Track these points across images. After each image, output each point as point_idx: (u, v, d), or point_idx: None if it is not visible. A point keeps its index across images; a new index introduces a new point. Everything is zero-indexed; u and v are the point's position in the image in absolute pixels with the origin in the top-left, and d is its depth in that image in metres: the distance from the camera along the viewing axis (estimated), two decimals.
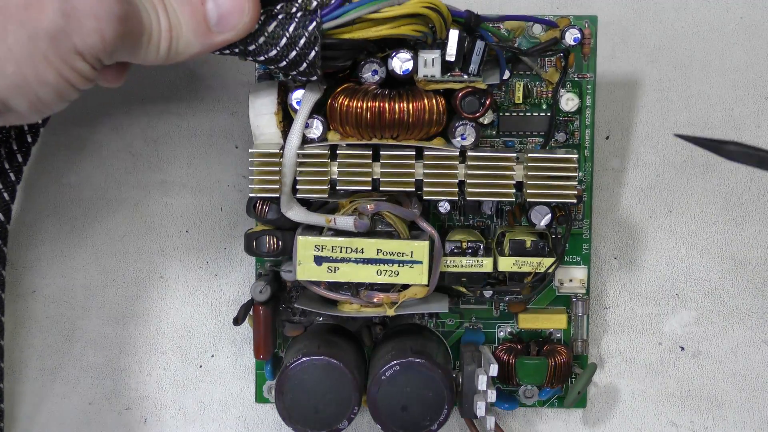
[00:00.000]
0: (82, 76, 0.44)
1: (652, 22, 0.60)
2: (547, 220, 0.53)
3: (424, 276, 0.52)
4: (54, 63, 0.43)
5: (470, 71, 0.51)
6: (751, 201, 0.60)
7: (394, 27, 0.48)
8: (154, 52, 0.46)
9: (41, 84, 0.43)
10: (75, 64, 0.43)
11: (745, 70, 0.59)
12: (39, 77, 0.43)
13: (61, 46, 0.42)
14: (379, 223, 0.53)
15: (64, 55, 0.43)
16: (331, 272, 0.52)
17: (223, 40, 0.47)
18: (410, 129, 0.52)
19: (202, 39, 0.46)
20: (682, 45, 0.60)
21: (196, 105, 0.60)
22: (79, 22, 0.42)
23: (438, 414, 0.53)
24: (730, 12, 0.60)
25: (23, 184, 0.58)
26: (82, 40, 0.42)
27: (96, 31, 0.42)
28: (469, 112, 0.52)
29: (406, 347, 0.54)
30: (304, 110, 0.52)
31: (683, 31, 0.60)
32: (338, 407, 0.53)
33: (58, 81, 0.43)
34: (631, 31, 0.60)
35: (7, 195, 0.55)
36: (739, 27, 0.60)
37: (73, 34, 0.42)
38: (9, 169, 0.54)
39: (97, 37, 0.43)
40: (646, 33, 0.60)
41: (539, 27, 0.56)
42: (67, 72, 0.43)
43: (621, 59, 0.60)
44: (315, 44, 0.47)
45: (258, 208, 0.54)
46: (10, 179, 0.54)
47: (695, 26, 0.60)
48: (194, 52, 0.47)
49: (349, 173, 0.52)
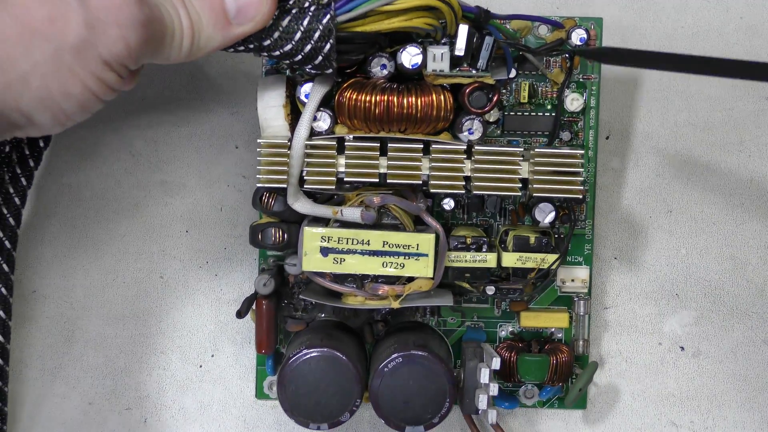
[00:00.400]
0: (107, 86, 0.44)
1: (652, 22, 0.60)
2: (551, 217, 0.54)
3: (430, 268, 0.53)
4: (80, 75, 0.43)
5: (478, 66, 0.52)
6: (751, 201, 0.60)
7: (406, 20, 0.49)
8: (177, 51, 0.46)
9: (66, 97, 0.43)
10: (102, 75, 0.43)
11: None
12: (64, 90, 0.43)
13: (87, 57, 0.42)
14: (385, 216, 0.53)
15: (91, 66, 0.43)
16: (337, 263, 0.52)
17: (242, 32, 0.47)
18: (418, 123, 0.52)
19: (223, 32, 0.47)
20: (682, 45, 0.60)
21: (196, 105, 0.60)
22: (103, 32, 0.42)
23: (440, 407, 0.53)
24: (730, 12, 0.60)
25: None
26: (108, 50, 0.43)
27: (120, 38, 0.43)
28: (477, 106, 0.52)
29: (408, 341, 0.54)
30: (313, 102, 0.52)
31: (683, 31, 0.60)
32: (340, 400, 0.53)
33: (84, 93, 0.43)
34: (632, 31, 0.60)
35: (18, 200, 0.55)
36: (739, 27, 0.60)
37: (98, 44, 0.42)
38: (20, 174, 0.54)
39: (122, 44, 0.43)
40: (646, 33, 0.60)
41: (545, 28, 0.56)
42: (93, 83, 0.43)
43: None
44: (330, 37, 0.47)
45: (264, 199, 0.54)
46: (21, 184, 0.55)
47: (695, 26, 0.60)
48: (215, 46, 0.47)
49: (356, 165, 0.52)
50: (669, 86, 0.60)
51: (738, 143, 0.60)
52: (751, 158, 0.60)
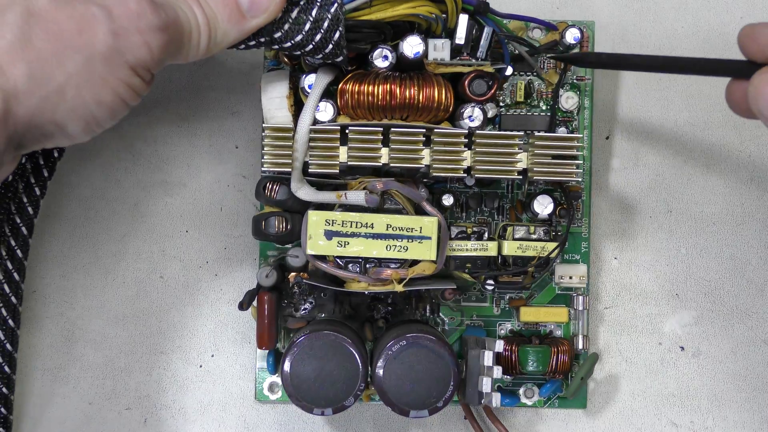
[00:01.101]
0: (135, 91, 0.45)
1: (652, 22, 0.60)
2: (549, 209, 0.55)
3: (433, 251, 0.53)
4: (110, 82, 0.44)
5: (478, 55, 0.54)
6: (751, 201, 0.60)
7: (411, 7, 0.50)
8: (195, 49, 0.47)
9: (98, 105, 0.45)
10: (129, 80, 0.45)
11: None
12: (97, 98, 0.44)
13: (115, 64, 0.44)
14: (387, 201, 0.54)
15: (119, 73, 0.44)
16: (341, 247, 0.53)
17: (257, 24, 0.48)
18: (419, 112, 0.53)
19: (238, 26, 0.48)
20: (682, 45, 0.60)
21: (196, 105, 0.60)
22: (128, 39, 0.44)
23: (444, 390, 0.52)
24: (730, 12, 0.60)
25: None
26: (134, 56, 0.44)
27: (143, 44, 0.44)
28: (478, 94, 0.53)
29: (411, 327, 0.54)
30: (317, 91, 0.53)
31: (683, 31, 0.60)
32: (344, 384, 0.52)
33: (114, 99, 0.45)
34: (631, 31, 0.60)
35: (31, 209, 0.55)
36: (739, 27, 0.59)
37: (125, 51, 0.44)
38: (34, 184, 0.55)
39: (146, 50, 0.44)
40: (646, 33, 0.60)
41: (539, 31, 0.57)
42: (123, 89, 0.45)
43: None
44: (339, 25, 0.49)
45: (268, 188, 0.54)
46: (35, 193, 0.55)
47: (695, 26, 0.60)
48: (231, 40, 0.48)
49: (359, 151, 0.53)
50: (669, 86, 0.60)
51: (738, 143, 0.60)
52: (751, 158, 0.60)
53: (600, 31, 0.59)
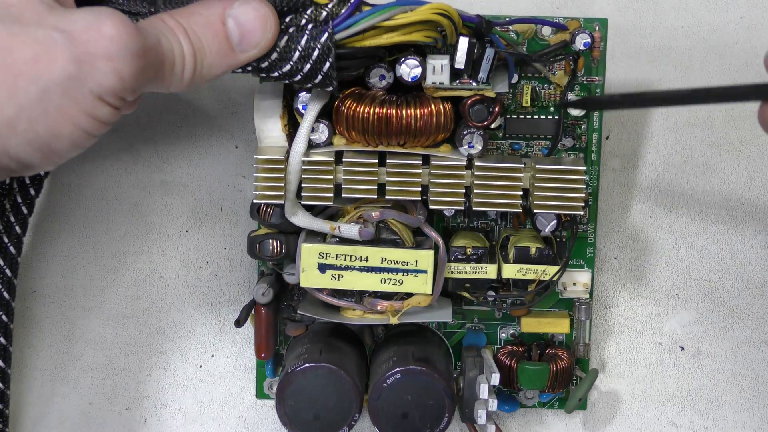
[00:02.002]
0: (99, 121, 0.42)
1: (652, 22, 0.60)
2: (552, 227, 0.53)
3: (429, 285, 0.52)
4: (69, 113, 0.41)
5: (479, 79, 0.50)
6: (751, 201, 0.60)
7: (406, 34, 0.48)
8: (178, 80, 0.44)
9: (55, 137, 0.41)
10: (93, 111, 0.42)
11: (745, 70, 0.59)
12: (52, 131, 0.41)
13: (76, 94, 0.41)
14: (384, 230, 0.53)
15: (81, 103, 0.41)
16: (335, 280, 0.52)
17: (246, 58, 0.46)
18: (417, 136, 0.51)
19: (227, 60, 0.45)
20: (682, 45, 0.60)
21: (196, 105, 0.60)
22: (93, 66, 0.41)
23: (438, 422, 0.53)
24: (730, 12, 0.60)
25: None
26: (98, 84, 0.41)
27: (112, 71, 0.41)
28: (478, 120, 0.51)
29: (408, 353, 0.54)
30: (310, 116, 0.51)
31: (683, 31, 0.60)
32: (339, 413, 0.52)
33: (73, 131, 0.42)
34: (631, 31, 0.60)
35: (18, 228, 0.55)
36: (739, 27, 0.60)
37: (87, 79, 0.41)
38: (21, 203, 0.54)
39: (115, 77, 0.41)
40: (645, 33, 0.60)
41: (548, 29, 0.55)
42: (84, 120, 0.42)
43: (621, 59, 0.60)
44: (329, 55, 0.47)
45: (262, 211, 0.53)
46: (22, 212, 0.55)
47: (695, 26, 0.60)
48: (218, 73, 0.46)
49: (354, 179, 0.52)
50: (669, 86, 0.60)
51: (738, 143, 0.60)
52: (751, 158, 0.60)
53: None
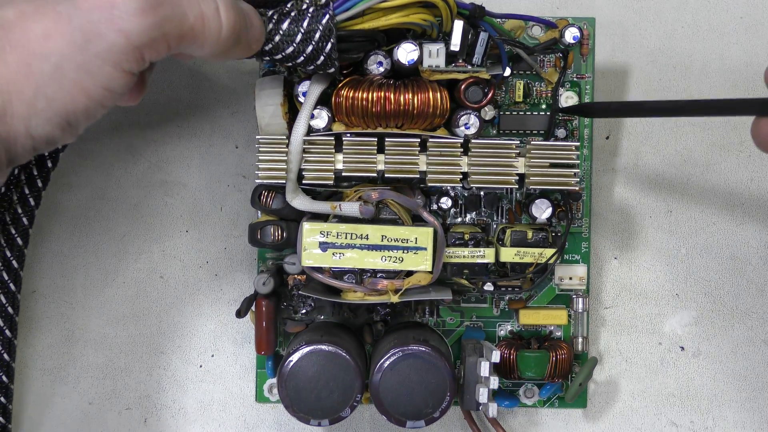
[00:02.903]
0: (112, 90, 0.42)
1: (652, 22, 0.60)
2: (548, 213, 0.54)
3: (429, 262, 0.53)
4: (83, 85, 0.41)
5: (474, 62, 0.52)
6: (751, 201, 0.60)
7: (404, 16, 0.50)
8: (214, 38, 0.43)
9: (72, 111, 0.42)
10: (106, 80, 0.42)
11: (745, 70, 0.59)
12: (70, 105, 0.41)
13: (86, 65, 0.41)
14: (383, 211, 0.54)
15: (94, 73, 0.41)
16: (336, 258, 0.53)
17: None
18: (414, 119, 0.52)
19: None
20: (682, 45, 0.60)
21: (196, 105, 0.60)
22: (97, 34, 0.40)
23: (440, 401, 0.53)
24: (730, 12, 0.60)
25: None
26: (107, 50, 0.41)
27: (117, 33, 0.40)
28: (473, 101, 0.53)
29: (408, 337, 0.54)
30: (311, 99, 0.52)
31: (683, 31, 0.60)
32: (341, 395, 0.53)
33: (88, 103, 0.42)
34: (631, 31, 0.60)
35: (26, 220, 0.55)
36: (739, 27, 0.60)
37: (95, 47, 0.40)
38: (29, 194, 0.54)
39: (121, 39, 0.41)
40: (646, 33, 0.60)
41: (539, 28, 0.57)
42: (97, 91, 0.42)
43: (621, 59, 0.60)
44: (330, 37, 0.48)
45: (263, 198, 0.54)
46: (30, 204, 0.55)
47: (695, 26, 0.60)
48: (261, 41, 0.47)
49: (354, 161, 0.52)
50: (669, 86, 0.60)
51: (738, 143, 0.60)
52: (751, 158, 0.60)
53: (600, 30, 0.59)
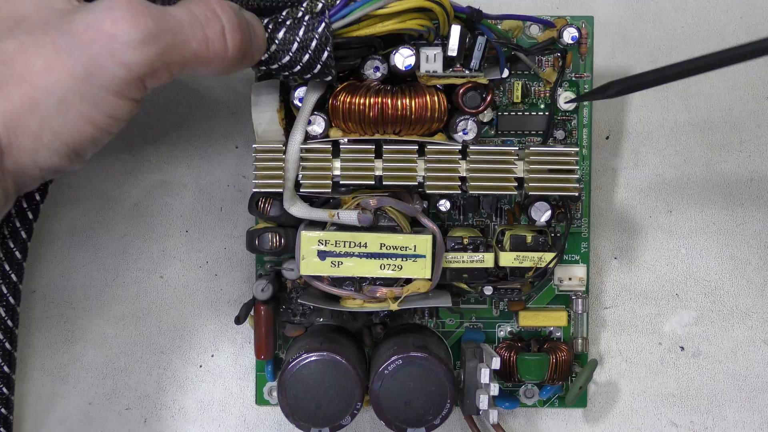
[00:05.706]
0: (116, 118, 0.42)
1: (652, 22, 0.60)
2: (547, 216, 0.54)
3: (428, 270, 0.53)
4: (88, 116, 0.41)
5: (471, 66, 0.52)
6: (751, 201, 0.60)
7: (400, 22, 0.49)
8: (220, 58, 0.44)
9: (78, 142, 0.42)
10: (110, 109, 0.42)
11: (745, 70, 0.59)
12: (76, 136, 0.42)
13: (90, 96, 0.41)
14: (381, 218, 0.54)
15: (97, 104, 0.41)
16: (335, 267, 0.53)
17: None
18: (412, 125, 0.52)
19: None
20: (682, 45, 0.60)
21: (196, 105, 0.60)
22: (99, 66, 0.40)
23: (440, 408, 0.53)
24: (730, 12, 0.60)
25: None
26: (109, 81, 0.41)
27: (118, 66, 0.41)
28: (471, 106, 0.53)
29: (407, 342, 0.54)
30: (307, 106, 0.52)
31: (683, 31, 0.60)
32: (341, 403, 0.53)
33: (93, 133, 0.42)
34: (631, 31, 0.60)
35: (19, 254, 0.55)
36: (739, 27, 0.60)
37: (97, 80, 0.41)
38: (20, 227, 0.54)
39: (122, 71, 0.41)
40: (645, 33, 0.60)
41: (536, 28, 0.56)
42: (102, 120, 0.42)
43: (621, 59, 0.60)
44: (326, 45, 0.48)
45: (260, 205, 0.54)
46: (21, 237, 0.55)
47: (695, 26, 0.60)
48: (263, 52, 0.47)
49: (351, 168, 0.52)
50: (669, 86, 0.60)
51: (738, 143, 0.60)
52: (751, 158, 0.60)
53: (599, 30, 0.59)
